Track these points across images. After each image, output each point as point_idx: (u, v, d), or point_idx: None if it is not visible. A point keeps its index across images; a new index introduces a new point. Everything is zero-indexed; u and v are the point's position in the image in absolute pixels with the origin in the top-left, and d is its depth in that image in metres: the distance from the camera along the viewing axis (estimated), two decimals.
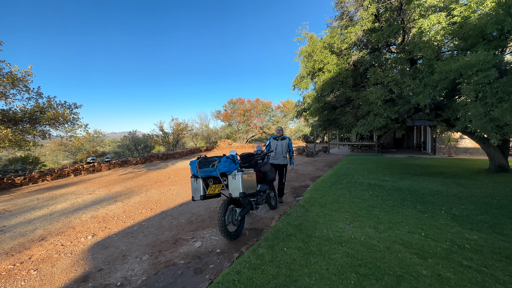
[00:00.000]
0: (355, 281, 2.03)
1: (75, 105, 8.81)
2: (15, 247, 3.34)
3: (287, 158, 4.82)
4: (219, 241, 3.26)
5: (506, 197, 4.29)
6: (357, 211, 3.77)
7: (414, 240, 2.74)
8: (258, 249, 2.62)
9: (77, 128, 8.95)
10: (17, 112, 7.58)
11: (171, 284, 2.39)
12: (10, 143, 7.20)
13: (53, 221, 4.32)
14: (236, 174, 2.98)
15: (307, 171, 8.81)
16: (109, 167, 10.92)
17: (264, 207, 4.60)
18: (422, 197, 4.45)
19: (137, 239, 3.45)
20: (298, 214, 3.70)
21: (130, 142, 20.27)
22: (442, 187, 5.20)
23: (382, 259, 2.35)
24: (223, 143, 23.94)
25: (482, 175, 6.37)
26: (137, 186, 7.03)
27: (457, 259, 2.33)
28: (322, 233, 2.98)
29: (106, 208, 5.01)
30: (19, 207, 5.34)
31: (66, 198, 5.99)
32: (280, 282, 2.04)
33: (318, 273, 2.16)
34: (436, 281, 2.00)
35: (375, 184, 5.56)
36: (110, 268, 2.73)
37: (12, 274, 2.67)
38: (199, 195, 3.13)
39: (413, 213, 3.65)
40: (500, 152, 6.66)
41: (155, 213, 4.59)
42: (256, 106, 28.99)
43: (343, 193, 4.89)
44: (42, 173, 8.45)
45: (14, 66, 7.35)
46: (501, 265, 2.22)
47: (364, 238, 2.82)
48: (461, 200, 4.22)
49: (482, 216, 3.44)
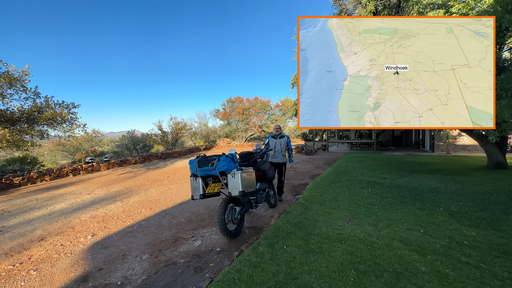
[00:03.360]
0: (354, 278, 2.04)
1: (73, 104, 8.76)
2: (14, 248, 3.33)
3: (286, 156, 4.83)
4: (219, 240, 3.26)
5: (504, 194, 4.32)
6: (356, 209, 3.78)
7: (413, 237, 2.76)
8: (258, 247, 2.62)
9: (75, 128, 8.91)
10: (15, 112, 7.53)
11: (172, 283, 2.39)
12: (7, 143, 7.16)
13: (52, 221, 4.31)
14: (235, 173, 2.98)
15: (306, 169, 8.82)
16: (108, 166, 10.89)
17: (263, 206, 4.61)
18: (420, 194, 4.47)
19: (137, 239, 3.45)
20: (298, 212, 3.71)
21: (129, 141, 20.22)
22: (441, 184, 5.23)
23: (381, 256, 2.36)
24: (222, 142, 23.92)
25: (480, 172, 6.40)
26: (136, 186, 7.02)
27: (455, 256, 2.34)
28: (321, 231, 2.99)
29: (105, 207, 5.00)
30: (17, 207, 5.32)
31: (65, 198, 5.98)
32: (280, 280, 2.05)
33: (318, 270, 2.17)
34: (435, 278, 2.01)
35: (374, 182, 5.58)
36: (110, 267, 2.73)
37: (12, 275, 2.66)
38: (199, 194, 3.12)
39: (412, 210, 3.67)
40: (498, 149, 6.69)
41: (155, 212, 4.59)
42: (255, 104, 28.94)
43: (342, 191, 4.90)
44: (40, 173, 8.41)
45: (11, 66, 7.29)
46: (499, 261, 2.24)
47: (364, 236, 2.83)
48: (459, 197, 4.24)
49: (480, 213, 3.47)
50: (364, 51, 3.67)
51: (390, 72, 3.55)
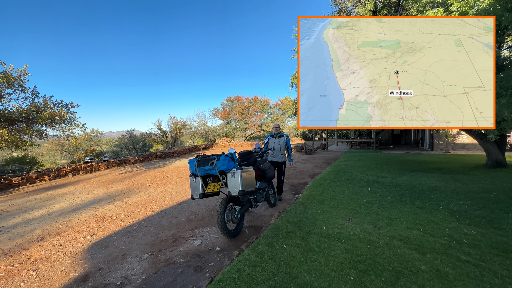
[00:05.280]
0: (354, 277, 2.04)
1: (72, 104, 8.73)
2: (13, 248, 3.32)
3: (286, 155, 4.82)
4: (219, 239, 3.26)
5: (503, 192, 4.33)
6: (356, 208, 3.79)
7: (412, 236, 2.76)
8: (258, 247, 2.62)
9: (74, 128, 8.89)
10: (13, 111, 7.50)
11: (171, 282, 2.39)
12: (6, 143, 7.13)
13: (52, 221, 4.30)
14: (235, 172, 2.97)
15: (305, 168, 8.83)
16: (107, 166, 10.87)
17: (263, 205, 4.61)
18: (420, 193, 4.48)
19: (136, 238, 3.44)
20: (298, 211, 3.71)
21: (128, 141, 20.19)
22: (440, 182, 5.24)
23: (381, 255, 2.36)
24: (221, 141, 23.90)
25: (479, 171, 6.41)
26: (136, 185, 7.01)
27: (455, 254, 2.35)
28: (321, 230, 2.99)
29: (105, 207, 4.99)
30: (17, 207, 5.30)
31: (64, 198, 5.96)
32: (280, 279, 2.05)
33: (318, 269, 2.17)
34: (435, 276, 2.02)
35: (374, 181, 5.58)
36: (110, 267, 2.73)
37: (11, 275, 2.65)
38: (198, 194, 3.12)
39: (411, 209, 3.67)
40: (497, 148, 6.71)
41: (154, 212, 4.58)
42: (254, 103, 28.90)
43: (342, 190, 4.90)
44: (39, 173, 8.39)
45: (9, 65, 7.25)
46: (499, 259, 2.24)
47: (363, 235, 2.83)
48: (459, 196, 4.25)
49: (479, 211, 3.47)
50: (364, 69, 3.24)
51: (394, 98, 3.08)
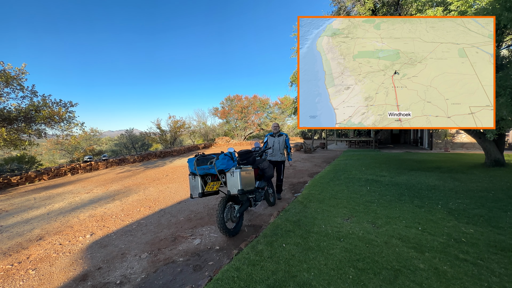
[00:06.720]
0: (353, 275, 2.05)
1: (71, 103, 8.70)
2: (12, 247, 3.32)
3: (285, 154, 4.82)
4: (218, 238, 3.26)
5: (502, 191, 4.35)
6: (355, 207, 3.79)
7: (411, 235, 2.77)
8: (257, 246, 2.63)
9: (73, 127, 8.86)
10: (12, 111, 7.48)
11: (171, 281, 2.39)
12: (5, 142, 7.11)
13: (51, 221, 4.30)
14: (234, 171, 2.98)
15: (305, 168, 8.83)
16: (107, 165, 10.86)
17: (262, 204, 4.61)
18: (419, 192, 4.49)
19: (135, 237, 3.44)
20: (297, 210, 3.72)
21: (127, 140, 20.14)
22: (439, 181, 5.25)
23: (380, 254, 2.37)
24: (221, 141, 23.89)
25: (478, 170, 6.43)
26: (135, 184, 7.00)
27: (453, 253, 2.36)
28: (320, 229, 3.00)
29: (104, 206, 4.99)
30: (16, 206, 5.30)
31: (63, 197, 5.95)
32: (279, 278, 2.05)
33: (317, 268, 2.17)
34: (433, 275, 2.02)
35: (373, 180, 5.59)
36: (109, 266, 2.73)
37: (10, 274, 2.65)
38: (198, 193, 3.12)
39: (410, 207, 3.68)
40: (496, 147, 6.72)
41: (154, 211, 4.58)
42: (253, 103, 28.87)
43: (341, 188, 4.91)
44: (38, 172, 8.38)
45: (7, 64, 7.22)
46: (497, 258, 2.25)
47: (362, 233, 2.84)
48: (457, 195, 4.26)
49: (478, 210, 3.49)
50: (359, 83, 2.96)
51: (392, 119, 2.78)
